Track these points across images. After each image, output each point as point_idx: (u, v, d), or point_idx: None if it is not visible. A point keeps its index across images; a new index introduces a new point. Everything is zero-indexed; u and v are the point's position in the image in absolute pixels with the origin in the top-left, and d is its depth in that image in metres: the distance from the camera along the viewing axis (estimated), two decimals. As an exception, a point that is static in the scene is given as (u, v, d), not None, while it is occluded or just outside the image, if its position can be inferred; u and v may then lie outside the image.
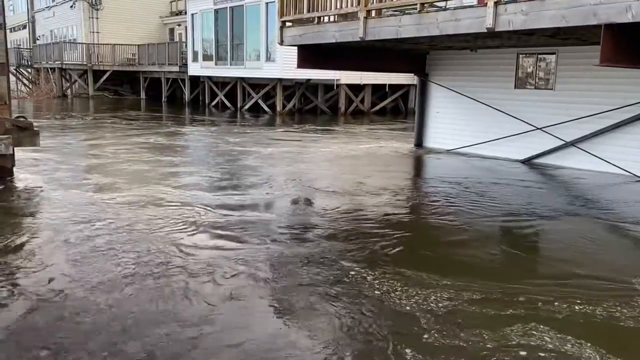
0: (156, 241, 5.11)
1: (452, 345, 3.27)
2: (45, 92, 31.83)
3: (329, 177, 9.15)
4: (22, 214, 6.14)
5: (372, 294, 4.01)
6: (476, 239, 5.66)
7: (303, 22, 9.97)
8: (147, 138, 13.38)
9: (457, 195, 7.70)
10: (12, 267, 4.42)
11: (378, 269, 4.49)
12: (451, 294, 4.00)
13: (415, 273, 4.40)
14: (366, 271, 4.45)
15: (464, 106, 11.47)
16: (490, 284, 4.23)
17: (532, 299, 3.95)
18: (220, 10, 23.64)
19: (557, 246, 5.62)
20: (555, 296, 4.00)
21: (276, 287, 4.15)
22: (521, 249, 5.41)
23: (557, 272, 4.66)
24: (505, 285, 4.22)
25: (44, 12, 37.33)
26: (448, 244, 5.51)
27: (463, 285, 4.17)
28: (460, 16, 7.31)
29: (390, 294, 4.00)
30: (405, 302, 3.85)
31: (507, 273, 4.67)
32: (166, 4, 32.84)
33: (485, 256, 5.10)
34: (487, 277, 4.43)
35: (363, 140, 13.86)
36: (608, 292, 4.15)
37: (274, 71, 21.28)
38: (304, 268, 4.51)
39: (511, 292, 4.08)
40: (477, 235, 5.81)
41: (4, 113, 7.59)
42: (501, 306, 3.83)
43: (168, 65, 27.35)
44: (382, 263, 4.68)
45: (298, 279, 4.29)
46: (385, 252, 5.03)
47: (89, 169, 9.20)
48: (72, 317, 3.55)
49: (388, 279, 4.29)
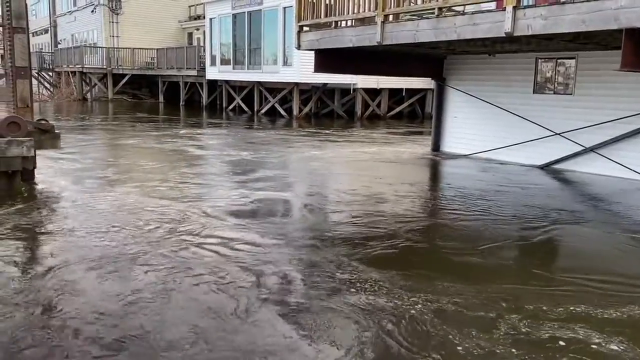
0: (169, 244, 5.17)
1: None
2: (66, 96, 32.35)
3: (346, 182, 9.15)
4: (41, 217, 6.24)
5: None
6: (500, 246, 5.61)
7: (320, 27, 10.00)
8: (165, 140, 13.51)
9: (476, 201, 7.63)
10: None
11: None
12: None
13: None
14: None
15: (481, 111, 11.40)
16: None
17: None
18: (238, 15, 23.82)
19: (585, 252, 5.56)
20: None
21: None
22: (540, 256, 5.36)
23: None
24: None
25: (66, 17, 37.96)
26: (473, 250, 5.47)
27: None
28: (478, 21, 7.28)
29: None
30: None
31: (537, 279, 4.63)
32: (185, 9, 33.18)
33: (511, 264, 5.06)
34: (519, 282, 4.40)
35: (380, 145, 13.83)
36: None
37: (291, 75, 21.37)
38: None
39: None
40: (500, 241, 5.76)
41: (27, 116, 7.72)
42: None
43: (186, 69, 27.62)
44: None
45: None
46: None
47: (108, 173, 9.32)
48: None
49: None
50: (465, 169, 10.46)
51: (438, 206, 7.57)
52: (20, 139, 7.13)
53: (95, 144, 13.18)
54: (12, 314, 3.62)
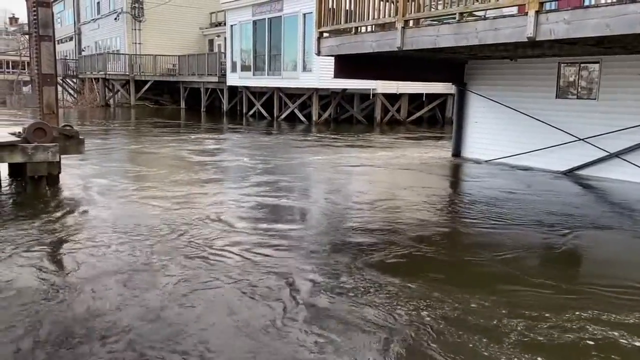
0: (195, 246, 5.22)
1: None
2: (89, 102, 32.93)
3: (365, 187, 9.14)
4: (68, 219, 6.35)
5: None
6: (521, 253, 5.54)
7: (340, 33, 10.03)
8: (185, 146, 13.65)
9: (497, 207, 7.55)
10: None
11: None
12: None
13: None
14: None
15: (503, 116, 11.30)
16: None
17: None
18: (258, 22, 24.02)
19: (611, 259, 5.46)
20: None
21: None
22: (565, 265, 5.29)
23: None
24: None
25: (90, 24, 38.69)
26: (497, 258, 5.42)
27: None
28: (500, 25, 7.22)
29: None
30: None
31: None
32: (206, 16, 33.57)
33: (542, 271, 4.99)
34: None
35: (399, 150, 13.78)
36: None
37: (311, 81, 21.45)
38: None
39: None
40: (522, 249, 5.69)
41: (52, 122, 7.88)
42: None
43: (207, 75, 27.91)
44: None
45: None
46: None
47: (130, 178, 9.45)
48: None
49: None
50: (486, 174, 10.36)
51: (458, 212, 7.50)
52: (46, 144, 7.28)
53: (117, 150, 13.37)
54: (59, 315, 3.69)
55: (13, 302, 3.92)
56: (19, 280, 4.34)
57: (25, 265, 4.69)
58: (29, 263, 4.74)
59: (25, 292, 4.09)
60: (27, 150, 7.15)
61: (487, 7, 7.75)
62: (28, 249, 5.09)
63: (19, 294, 4.06)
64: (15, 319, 3.66)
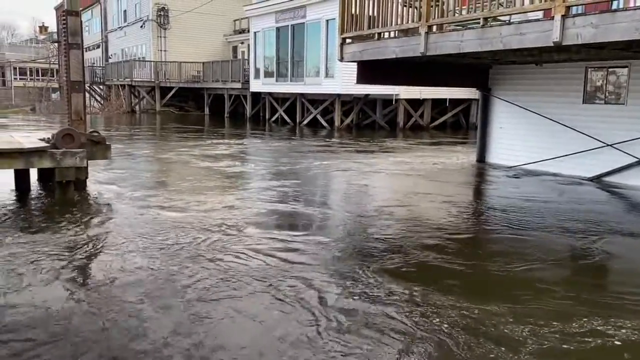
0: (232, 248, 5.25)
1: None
2: (116, 108, 33.54)
3: (388, 192, 9.10)
4: (96, 222, 6.47)
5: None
6: (548, 262, 5.45)
7: (363, 39, 10.03)
8: (211, 149, 13.79)
9: (522, 214, 7.45)
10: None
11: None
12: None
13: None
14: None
15: (528, 121, 11.15)
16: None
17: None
18: (281, 28, 24.19)
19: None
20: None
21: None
22: (594, 274, 5.18)
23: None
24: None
25: (116, 32, 39.45)
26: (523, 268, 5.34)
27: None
28: (525, 30, 7.15)
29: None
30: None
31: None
32: (230, 23, 33.94)
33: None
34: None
35: (423, 155, 13.70)
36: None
37: (333, 87, 21.50)
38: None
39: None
40: (548, 257, 5.59)
41: (80, 128, 8.04)
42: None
43: (231, 82, 28.19)
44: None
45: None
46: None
47: (156, 183, 9.58)
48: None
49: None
50: (511, 180, 10.23)
51: (481, 218, 7.41)
52: (74, 150, 7.43)
53: (143, 155, 13.57)
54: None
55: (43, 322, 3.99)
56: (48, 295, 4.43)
57: (55, 269, 4.79)
58: (64, 267, 4.83)
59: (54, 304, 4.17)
60: (55, 156, 7.30)
61: (512, 12, 7.67)
62: (60, 254, 5.20)
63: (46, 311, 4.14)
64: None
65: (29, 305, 3.96)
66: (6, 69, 64.94)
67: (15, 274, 4.62)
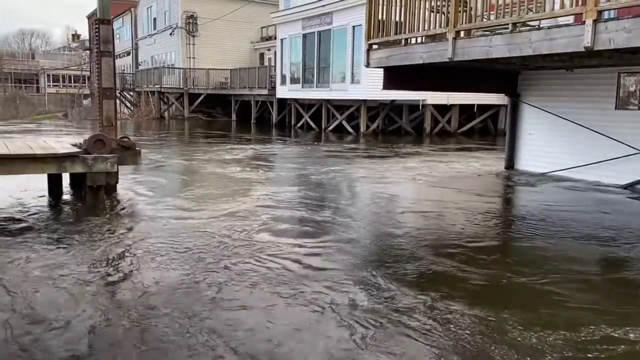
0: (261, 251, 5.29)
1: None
2: (145, 114, 34.15)
3: (417, 200, 9.04)
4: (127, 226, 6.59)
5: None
6: (579, 273, 5.33)
7: (389, 44, 10.01)
8: (239, 152, 13.92)
9: (551, 221, 7.31)
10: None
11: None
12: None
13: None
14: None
15: (558, 128, 10.96)
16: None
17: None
18: (308, 35, 24.33)
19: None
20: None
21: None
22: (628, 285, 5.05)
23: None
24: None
25: (146, 40, 40.23)
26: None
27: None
28: (555, 35, 7.03)
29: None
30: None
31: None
32: (257, 30, 34.28)
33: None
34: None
35: (450, 161, 13.58)
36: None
37: (359, 93, 21.51)
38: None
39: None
40: (578, 267, 5.48)
41: (111, 134, 8.21)
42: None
43: (257, 88, 28.46)
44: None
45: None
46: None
47: (184, 187, 9.70)
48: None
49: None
50: (541, 187, 10.05)
51: (509, 226, 7.30)
52: (105, 155, 7.58)
53: (171, 159, 13.76)
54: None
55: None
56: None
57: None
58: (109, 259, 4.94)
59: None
60: (87, 161, 7.47)
61: (542, 17, 7.56)
62: (101, 253, 5.31)
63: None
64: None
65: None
66: (40, 76, 66.85)
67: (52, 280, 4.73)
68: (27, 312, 3.98)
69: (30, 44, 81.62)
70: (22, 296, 4.25)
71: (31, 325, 3.76)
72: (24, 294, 4.30)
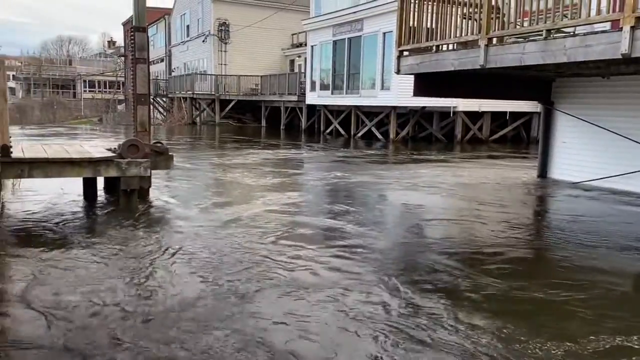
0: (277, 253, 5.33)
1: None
2: (177, 120, 34.75)
3: (448, 209, 8.95)
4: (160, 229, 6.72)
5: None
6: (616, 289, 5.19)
7: (420, 51, 9.97)
8: (271, 156, 14.04)
9: (586, 233, 7.14)
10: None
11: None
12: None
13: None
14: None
15: (594, 136, 10.71)
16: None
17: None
18: (338, 42, 24.42)
19: None
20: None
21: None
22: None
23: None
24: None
25: (179, 47, 40.99)
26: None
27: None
28: (591, 42, 6.89)
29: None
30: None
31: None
32: (288, 37, 34.56)
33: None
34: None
35: (482, 169, 13.40)
36: None
37: (389, 99, 21.45)
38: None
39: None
40: (615, 283, 5.33)
41: (145, 139, 8.38)
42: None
43: (287, 94, 28.68)
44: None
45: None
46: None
47: (214, 192, 9.82)
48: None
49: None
50: (574, 197, 9.83)
51: (542, 237, 7.16)
52: (138, 160, 7.74)
53: (203, 164, 13.95)
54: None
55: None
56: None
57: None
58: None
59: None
60: (121, 165, 7.63)
61: (577, 24, 7.41)
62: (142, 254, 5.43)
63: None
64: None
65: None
66: (77, 81, 68.78)
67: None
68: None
69: (68, 50, 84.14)
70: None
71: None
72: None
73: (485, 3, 8.32)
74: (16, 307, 4.18)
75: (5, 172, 7.07)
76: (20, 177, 7.42)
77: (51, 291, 4.47)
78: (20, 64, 72.28)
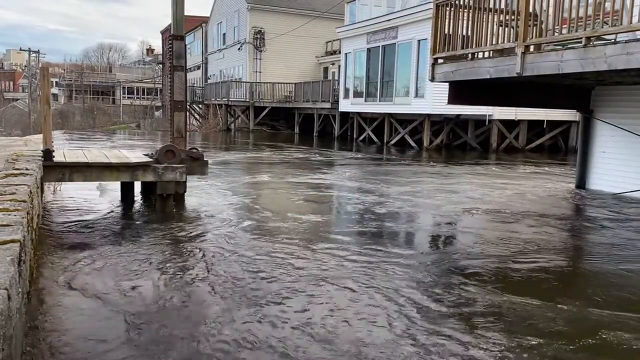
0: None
1: None
2: (213, 126, 35.32)
3: (482, 221, 8.83)
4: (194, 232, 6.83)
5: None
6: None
7: (456, 59, 9.88)
8: (302, 169, 14.11)
9: (623, 248, 6.93)
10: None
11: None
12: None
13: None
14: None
15: (635, 146, 10.39)
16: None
17: None
18: (372, 49, 24.43)
19: None
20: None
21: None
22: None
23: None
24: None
25: (215, 54, 41.70)
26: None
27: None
28: (633, 50, 6.71)
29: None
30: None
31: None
32: (322, 45, 34.76)
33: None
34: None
35: (519, 179, 13.15)
36: None
37: (423, 107, 21.32)
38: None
39: None
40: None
41: (180, 145, 8.55)
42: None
43: (321, 102, 28.80)
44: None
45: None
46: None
47: (249, 197, 9.93)
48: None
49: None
50: (616, 208, 9.54)
51: (579, 251, 6.98)
52: (174, 165, 7.91)
53: (237, 172, 14.13)
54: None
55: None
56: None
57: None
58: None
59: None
60: (158, 170, 7.81)
61: (619, 31, 7.23)
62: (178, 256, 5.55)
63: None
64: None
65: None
66: (116, 88, 70.69)
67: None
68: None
69: (108, 57, 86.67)
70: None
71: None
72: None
73: (523, 10, 8.20)
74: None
75: (48, 176, 7.33)
76: (62, 180, 7.68)
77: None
78: (62, 70, 74.81)
